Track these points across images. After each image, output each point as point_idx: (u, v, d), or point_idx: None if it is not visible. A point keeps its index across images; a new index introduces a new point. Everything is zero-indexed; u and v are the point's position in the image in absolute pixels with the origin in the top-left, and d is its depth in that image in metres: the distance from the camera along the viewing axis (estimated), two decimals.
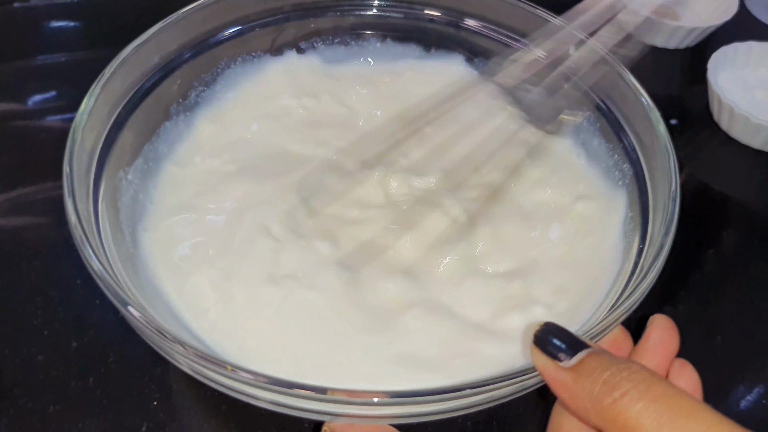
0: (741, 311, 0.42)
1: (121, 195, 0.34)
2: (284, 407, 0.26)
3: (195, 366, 0.26)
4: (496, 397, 0.26)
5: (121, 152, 0.35)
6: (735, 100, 0.50)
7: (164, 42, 0.37)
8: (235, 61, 0.42)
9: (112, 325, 0.38)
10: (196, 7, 0.38)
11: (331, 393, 0.24)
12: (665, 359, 0.28)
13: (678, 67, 0.58)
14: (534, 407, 0.36)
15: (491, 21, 0.42)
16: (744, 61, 0.55)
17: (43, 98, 0.52)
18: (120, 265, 0.30)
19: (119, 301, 0.27)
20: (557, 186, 0.38)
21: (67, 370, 0.36)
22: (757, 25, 0.62)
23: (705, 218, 0.48)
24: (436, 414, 0.26)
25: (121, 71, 0.35)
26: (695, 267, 0.45)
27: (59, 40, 0.57)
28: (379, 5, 0.44)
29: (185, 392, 0.36)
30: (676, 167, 0.32)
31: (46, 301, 0.39)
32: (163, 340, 0.26)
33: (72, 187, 0.29)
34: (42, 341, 0.37)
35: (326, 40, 0.44)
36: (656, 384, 0.21)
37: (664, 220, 0.30)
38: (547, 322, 0.24)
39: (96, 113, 0.33)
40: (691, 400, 0.20)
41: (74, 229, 0.28)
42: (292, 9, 0.42)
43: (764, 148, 0.51)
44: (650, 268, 0.28)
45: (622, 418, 0.20)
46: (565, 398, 0.23)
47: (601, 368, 0.22)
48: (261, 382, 0.25)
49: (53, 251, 0.41)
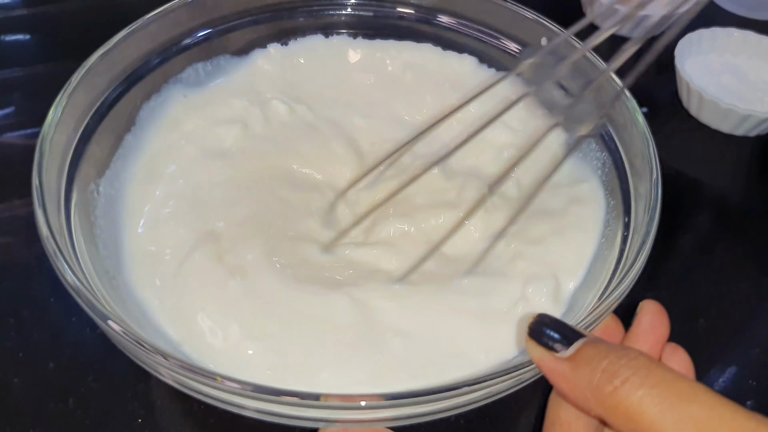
0: (720, 293, 0.43)
1: (93, 208, 0.33)
2: (274, 416, 0.25)
3: (180, 378, 0.25)
4: (492, 393, 0.25)
5: (90, 163, 0.34)
6: (702, 85, 0.51)
7: (130, 49, 0.36)
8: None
9: (90, 343, 0.37)
10: (159, 13, 0.37)
11: (324, 399, 0.24)
12: (657, 344, 0.28)
13: (643, 55, 0.59)
14: (526, 401, 0.36)
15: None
16: (709, 47, 0.56)
17: (3, 114, 0.50)
18: (96, 278, 0.29)
19: (96, 313, 0.26)
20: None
21: (46, 392, 0.35)
22: (719, 12, 0.64)
23: (679, 203, 0.48)
24: (432, 414, 0.25)
25: (87, 80, 0.34)
26: (673, 251, 0.45)
27: (14, 54, 0.56)
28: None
29: (170, 407, 0.35)
30: (656, 154, 0.32)
31: (19, 321, 0.37)
32: (144, 352, 0.25)
33: (42, 199, 0.28)
34: (17, 364, 0.36)
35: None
36: (655, 370, 0.21)
37: (648, 207, 0.30)
38: (541, 314, 0.24)
39: (63, 124, 0.32)
40: (691, 384, 0.20)
41: (46, 242, 0.27)
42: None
43: (734, 132, 0.52)
44: (638, 254, 0.28)
45: (623, 405, 0.20)
46: (563, 388, 0.22)
47: (599, 356, 0.21)
48: (250, 391, 0.24)
49: (24, 270, 0.40)
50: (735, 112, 0.49)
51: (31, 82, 0.52)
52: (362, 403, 0.23)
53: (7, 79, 0.53)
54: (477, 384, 0.24)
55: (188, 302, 0.31)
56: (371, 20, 0.44)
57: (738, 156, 0.52)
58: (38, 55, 0.56)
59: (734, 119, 0.50)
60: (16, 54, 0.55)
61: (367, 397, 0.24)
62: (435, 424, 0.34)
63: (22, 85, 0.52)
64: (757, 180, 0.51)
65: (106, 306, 0.26)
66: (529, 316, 0.24)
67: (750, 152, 0.52)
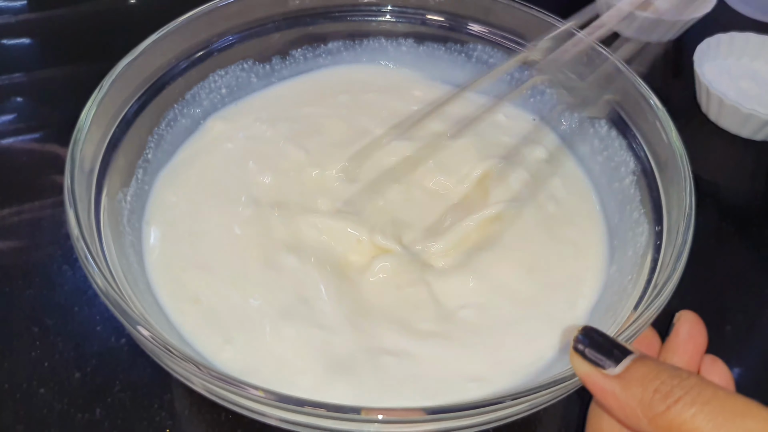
0: (746, 299, 0.43)
1: (122, 217, 0.33)
2: (313, 428, 0.25)
3: (214, 389, 0.25)
4: (533, 406, 0.25)
5: (117, 171, 0.34)
6: (722, 90, 0.51)
7: (155, 57, 0.36)
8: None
9: (115, 353, 0.36)
10: (187, 18, 0.37)
11: (365, 413, 0.24)
12: (696, 354, 0.28)
13: (662, 60, 0.59)
14: (550, 409, 0.36)
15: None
16: (727, 52, 0.56)
17: (6, 119, 0.50)
18: (127, 285, 0.29)
19: (129, 320, 0.25)
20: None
21: (72, 402, 0.34)
22: (735, 17, 0.63)
23: (700, 209, 0.48)
24: (474, 427, 0.25)
25: (116, 87, 0.33)
26: (696, 257, 0.45)
27: (18, 58, 0.55)
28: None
29: (198, 417, 0.35)
30: (688, 162, 0.32)
31: (43, 330, 0.37)
32: (173, 358, 0.24)
33: (74, 199, 0.28)
34: (42, 373, 0.35)
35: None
36: (706, 388, 0.21)
37: (682, 215, 0.30)
38: (586, 326, 0.24)
39: (91, 132, 0.32)
40: (743, 399, 0.20)
41: (76, 242, 0.27)
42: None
43: (753, 137, 0.51)
44: (676, 264, 0.28)
45: (677, 423, 0.20)
46: (612, 406, 0.22)
47: (650, 376, 0.21)
48: (294, 406, 0.24)
49: (46, 278, 0.39)
50: (756, 117, 0.49)
51: (34, 86, 0.52)
52: (412, 416, 0.23)
53: (10, 84, 0.52)
54: (519, 398, 0.24)
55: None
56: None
57: (758, 161, 0.52)
58: (43, 60, 0.55)
59: (755, 124, 0.50)
60: (20, 58, 0.55)
61: (409, 412, 0.24)
62: None
63: (26, 90, 0.52)
64: None
65: (134, 311, 0.26)
66: (573, 328, 0.24)
67: None
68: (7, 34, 0.56)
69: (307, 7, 0.42)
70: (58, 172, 0.45)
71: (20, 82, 0.53)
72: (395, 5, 0.43)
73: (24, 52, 0.56)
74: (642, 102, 0.35)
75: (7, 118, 0.50)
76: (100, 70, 0.34)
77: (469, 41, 0.43)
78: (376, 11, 0.43)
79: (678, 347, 0.28)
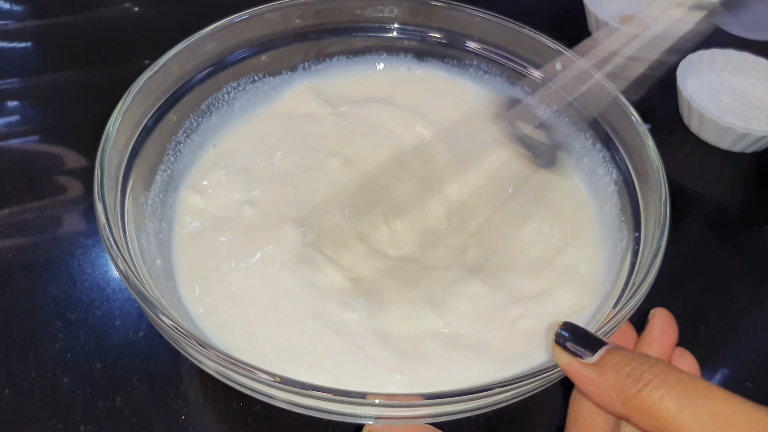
0: (721, 301, 0.46)
1: (145, 220, 0.35)
2: (324, 412, 0.28)
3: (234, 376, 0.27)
4: (521, 393, 0.28)
5: (139, 176, 0.36)
6: (702, 104, 0.54)
7: (174, 68, 0.39)
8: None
9: (133, 345, 0.39)
10: (208, 32, 0.39)
11: (370, 397, 0.26)
12: (668, 347, 0.31)
13: (648, 76, 0.62)
14: (536, 401, 0.38)
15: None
16: (708, 67, 0.59)
17: (7, 122, 0.52)
18: (149, 276, 0.31)
19: (150, 307, 0.27)
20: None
21: (94, 391, 0.37)
22: (717, 32, 0.66)
23: (682, 216, 0.51)
24: (467, 412, 0.28)
25: (138, 98, 0.36)
26: (675, 261, 0.48)
27: (20, 63, 0.57)
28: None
29: (211, 405, 0.37)
30: (665, 176, 0.35)
31: (66, 324, 0.39)
32: (192, 346, 0.27)
33: (103, 197, 0.31)
34: (66, 364, 0.38)
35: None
36: (672, 372, 0.23)
37: (657, 222, 0.33)
38: (566, 322, 0.27)
39: (117, 141, 0.34)
40: (704, 382, 0.23)
41: (103, 230, 0.29)
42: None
43: (732, 149, 0.55)
44: (650, 267, 0.31)
45: (647, 405, 0.23)
46: (590, 391, 0.25)
47: (623, 363, 0.24)
48: (307, 390, 0.26)
49: (67, 274, 0.42)
50: (733, 131, 0.52)
51: (35, 90, 0.54)
52: (411, 401, 0.26)
53: (11, 88, 0.55)
54: (507, 385, 0.27)
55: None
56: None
57: (736, 171, 0.55)
58: (44, 65, 0.57)
59: (732, 137, 0.53)
60: (21, 63, 0.57)
61: (408, 397, 0.26)
62: (459, 422, 0.37)
63: (27, 94, 0.54)
64: (754, 193, 0.54)
65: (154, 298, 0.28)
66: (555, 324, 0.27)
67: (747, 167, 0.55)
68: (10, 39, 0.58)
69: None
70: (77, 173, 0.48)
71: (23, 87, 0.54)
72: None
73: (27, 58, 0.58)
74: (624, 118, 0.38)
75: (8, 121, 0.52)
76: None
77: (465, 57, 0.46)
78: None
79: (652, 341, 0.31)
